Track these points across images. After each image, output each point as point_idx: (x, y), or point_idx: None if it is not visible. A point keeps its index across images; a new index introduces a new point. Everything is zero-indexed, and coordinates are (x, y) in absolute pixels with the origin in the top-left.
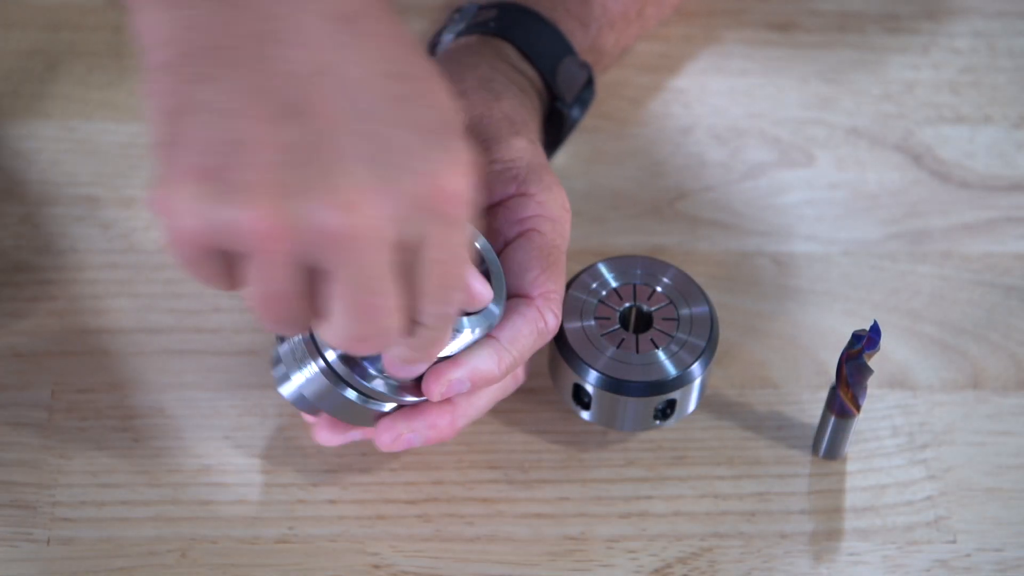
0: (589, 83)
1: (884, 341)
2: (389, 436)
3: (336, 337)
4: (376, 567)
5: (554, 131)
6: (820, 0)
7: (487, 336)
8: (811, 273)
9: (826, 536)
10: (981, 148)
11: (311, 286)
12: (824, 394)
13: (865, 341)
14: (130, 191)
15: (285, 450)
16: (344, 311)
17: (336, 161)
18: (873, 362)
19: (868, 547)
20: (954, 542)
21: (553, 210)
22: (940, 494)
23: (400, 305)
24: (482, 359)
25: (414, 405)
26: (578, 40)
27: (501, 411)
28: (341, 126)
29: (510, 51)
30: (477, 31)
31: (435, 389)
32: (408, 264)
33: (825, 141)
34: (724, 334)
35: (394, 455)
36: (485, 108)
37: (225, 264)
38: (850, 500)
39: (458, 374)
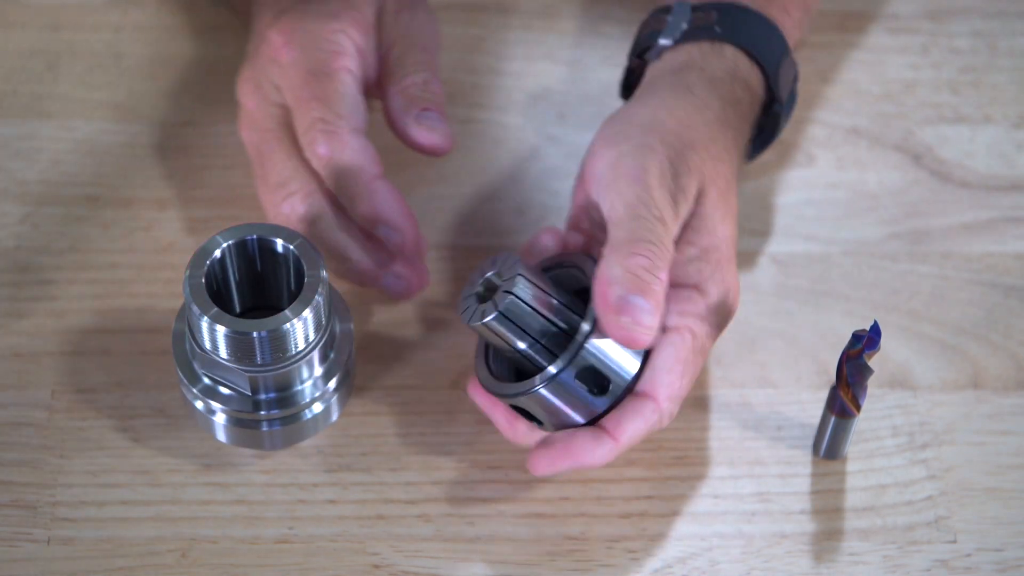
0: (795, 79)
1: (884, 341)
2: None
3: None
4: (376, 567)
5: (765, 133)
6: (820, 0)
7: (602, 430)
8: (811, 273)
9: (826, 536)
10: (981, 148)
11: None
12: (824, 394)
13: (865, 341)
14: (130, 191)
15: (285, 450)
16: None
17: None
18: (873, 362)
19: (868, 547)
20: (954, 542)
21: (719, 312)
22: (940, 494)
23: (289, 156)
24: (590, 454)
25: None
26: (788, 34)
27: None
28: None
29: (739, 59)
30: (701, 36)
31: (540, 469)
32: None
33: (825, 141)
34: (724, 334)
35: (395, 455)
36: (713, 172)
37: None
38: (850, 500)
39: (564, 465)
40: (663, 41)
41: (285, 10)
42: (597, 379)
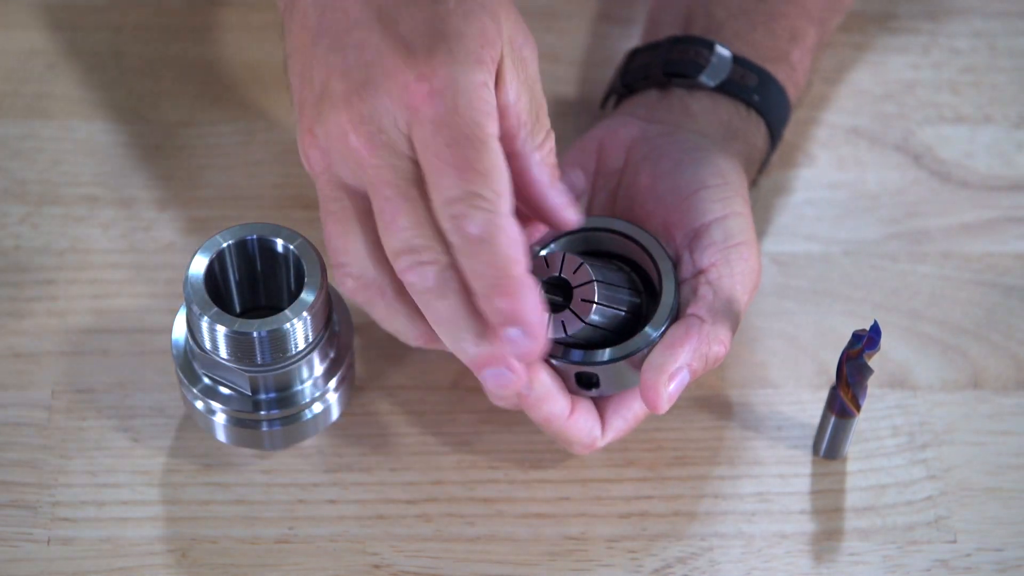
0: None
1: (884, 341)
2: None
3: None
4: (376, 567)
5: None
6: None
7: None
8: (811, 273)
9: (826, 536)
10: (981, 148)
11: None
12: (824, 394)
13: (865, 341)
14: (130, 191)
15: (285, 450)
16: (381, 231)
17: (326, 93)
18: (873, 362)
19: (868, 547)
20: (954, 542)
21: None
22: (940, 494)
23: (421, 219)
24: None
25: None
26: (792, 101)
27: (501, 411)
28: (333, 62)
29: (766, 141)
30: (738, 94)
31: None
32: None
33: (825, 141)
34: None
35: (395, 455)
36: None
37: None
38: (850, 500)
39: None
40: (704, 80)
41: (413, 44)
42: None
